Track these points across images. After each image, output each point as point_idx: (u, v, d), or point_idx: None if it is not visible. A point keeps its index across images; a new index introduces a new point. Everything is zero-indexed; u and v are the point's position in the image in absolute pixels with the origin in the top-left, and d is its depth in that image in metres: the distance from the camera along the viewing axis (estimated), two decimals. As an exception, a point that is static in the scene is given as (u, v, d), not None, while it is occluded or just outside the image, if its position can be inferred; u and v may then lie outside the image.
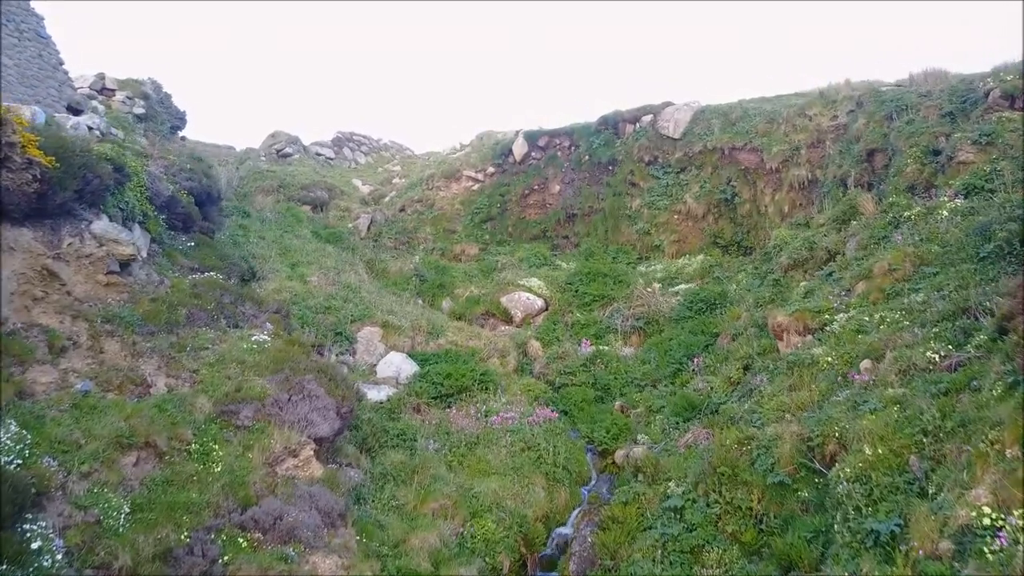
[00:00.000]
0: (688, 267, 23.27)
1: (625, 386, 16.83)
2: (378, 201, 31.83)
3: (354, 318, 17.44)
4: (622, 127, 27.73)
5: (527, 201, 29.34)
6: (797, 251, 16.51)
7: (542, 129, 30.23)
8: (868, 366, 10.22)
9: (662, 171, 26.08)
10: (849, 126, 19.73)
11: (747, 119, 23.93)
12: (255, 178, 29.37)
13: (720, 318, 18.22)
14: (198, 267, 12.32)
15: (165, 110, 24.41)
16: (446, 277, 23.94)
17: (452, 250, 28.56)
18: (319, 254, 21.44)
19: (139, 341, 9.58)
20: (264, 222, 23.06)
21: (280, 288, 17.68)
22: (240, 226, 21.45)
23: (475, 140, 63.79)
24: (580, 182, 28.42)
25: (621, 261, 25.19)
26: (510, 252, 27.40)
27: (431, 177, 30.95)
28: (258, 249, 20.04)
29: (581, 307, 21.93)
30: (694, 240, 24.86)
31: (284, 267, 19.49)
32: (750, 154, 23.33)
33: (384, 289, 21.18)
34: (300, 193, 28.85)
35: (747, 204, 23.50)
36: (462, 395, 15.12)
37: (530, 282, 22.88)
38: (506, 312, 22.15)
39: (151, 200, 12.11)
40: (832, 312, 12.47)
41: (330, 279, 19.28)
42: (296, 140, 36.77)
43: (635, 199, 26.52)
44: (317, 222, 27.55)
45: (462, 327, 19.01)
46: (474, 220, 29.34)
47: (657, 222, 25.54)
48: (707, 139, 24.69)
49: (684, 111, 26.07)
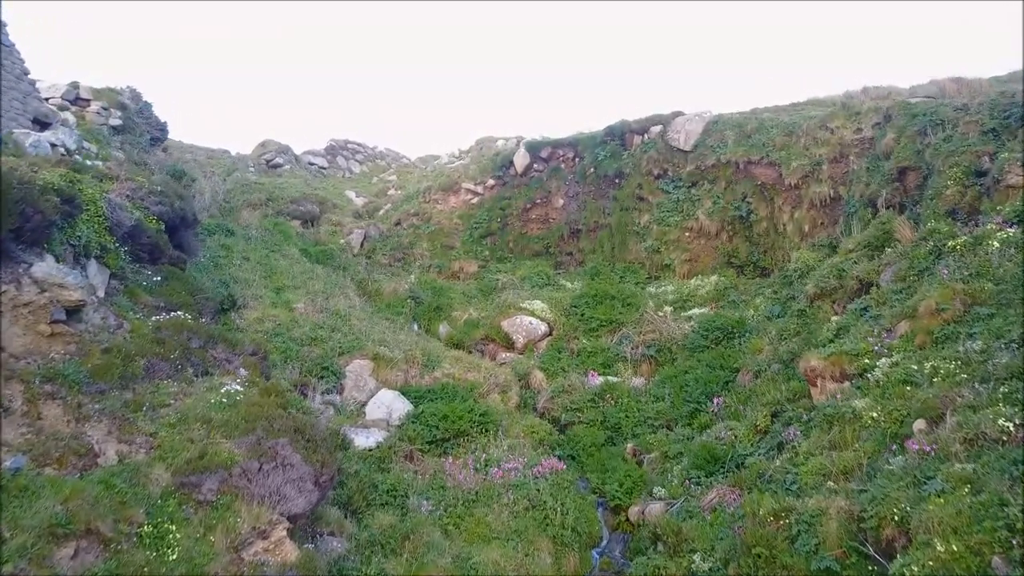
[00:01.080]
0: (701, 289, 22.14)
1: (637, 426, 15.66)
2: (372, 214, 30.72)
3: (342, 350, 16.28)
4: (629, 138, 26.63)
5: (529, 215, 28.24)
6: (825, 279, 15.36)
7: (545, 140, 29.15)
8: (923, 428, 9.05)
9: (672, 185, 24.97)
10: (876, 141, 18.60)
11: (763, 131, 22.81)
12: (242, 191, 28.25)
13: (739, 350, 17.08)
14: (164, 305, 11.17)
15: (145, 120, 23.30)
16: (443, 299, 22.79)
17: (450, 267, 27.45)
18: (307, 276, 20.28)
19: (86, 402, 8.42)
20: (249, 240, 21.91)
21: (263, 317, 16.55)
22: (223, 246, 20.32)
23: (474, 147, 62.86)
24: (585, 196, 27.32)
25: (629, 281, 24.06)
26: (511, 270, 26.29)
27: (428, 190, 29.84)
28: (241, 272, 18.90)
29: (587, 332, 20.76)
30: (707, 259, 23.72)
31: (268, 292, 18.35)
32: (767, 169, 22.20)
33: (376, 314, 20.02)
34: (289, 207, 27.73)
35: (764, 222, 22.37)
36: (459, 440, 13.96)
37: (532, 305, 21.72)
38: (507, 338, 21.00)
39: (111, 231, 10.97)
40: (872, 356, 11.30)
41: (318, 305, 18.13)
42: (287, 149, 35.69)
43: (643, 215, 25.41)
44: (307, 238, 26.44)
45: (460, 357, 17.85)
46: (473, 235, 28.23)
47: (667, 239, 24.40)
48: (720, 152, 23.58)
49: (695, 122, 24.97)
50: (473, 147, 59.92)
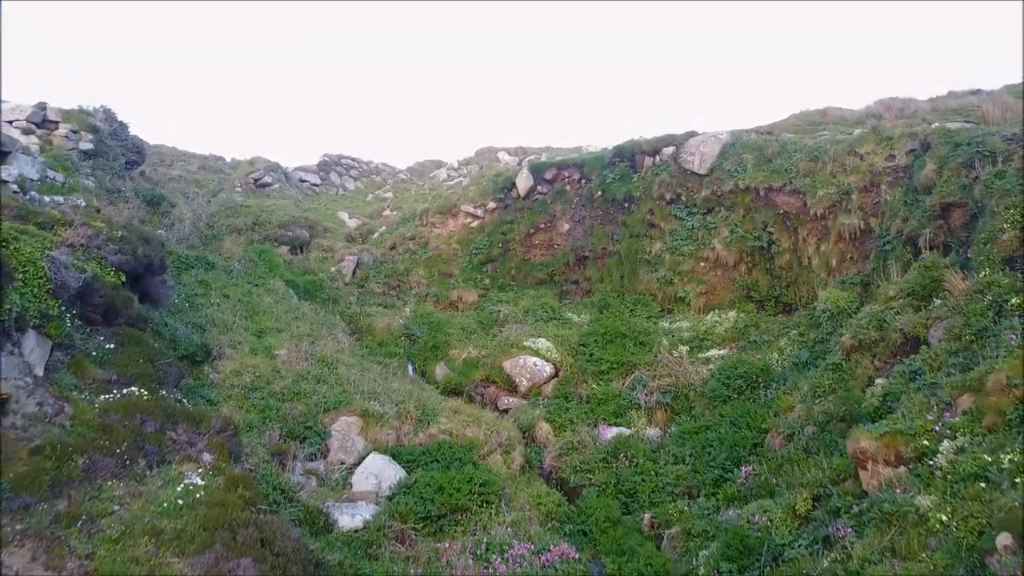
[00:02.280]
0: (719, 326, 20.82)
1: (655, 492, 14.31)
2: (366, 238, 29.43)
3: (328, 406, 14.94)
4: (639, 160, 25.35)
5: (532, 241, 26.95)
6: (863, 330, 14.02)
7: (549, 160, 27.91)
8: (1008, 544, 7.68)
9: (686, 211, 23.67)
10: (914, 172, 17.30)
11: (785, 155, 21.52)
12: (227, 214, 26.95)
13: (766, 405, 15.73)
14: (117, 379, 9.83)
15: (119, 143, 22.03)
16: (440, 335, 21.44)
17: (448, 296, 26.15)
18: (292, 316, 18.95)
19: (5, 523, 7.07)
20: (231, 273, 20.59)
21: (241, 368, 15.21)
22: (201, 282, 18.99)
23: (474, 159, 61.84)
24: (592, 220, 26.02)
25: (640, 315, 22.74)
26: (513, 300, 24.99)
27: (425, 212, 28.54)
28: (219, 313, 17.57)
29: (597, 375, 19.44)
30: (724, 292, 22.40)
31: (249, 336, 17.01)
32: (790, 196, 20.90)
33: (368, 356, 18.68)
34: (277, 232, 26.44)
35: (786, 254, 21.04)
36: (457, 516, 12.58)
37: (537, 343, 20.38)
38: (509, 380, 19.67)
39: (55, 293, 9.64)
40: (932, 437, 9.95)
41: (302, 351, 16.79)
42: (276, 167, 34.43)
43: (655, 242, 24.10)
44: (295, 266, 25.14)
45: (458, 408, 16.50)
46: (472, 262, 26.93)
47: (681, 270, 23.08)
48: (738, 177, 22.27)
49: (711, 143, 23.68)
50: (472, 159, 58.96)
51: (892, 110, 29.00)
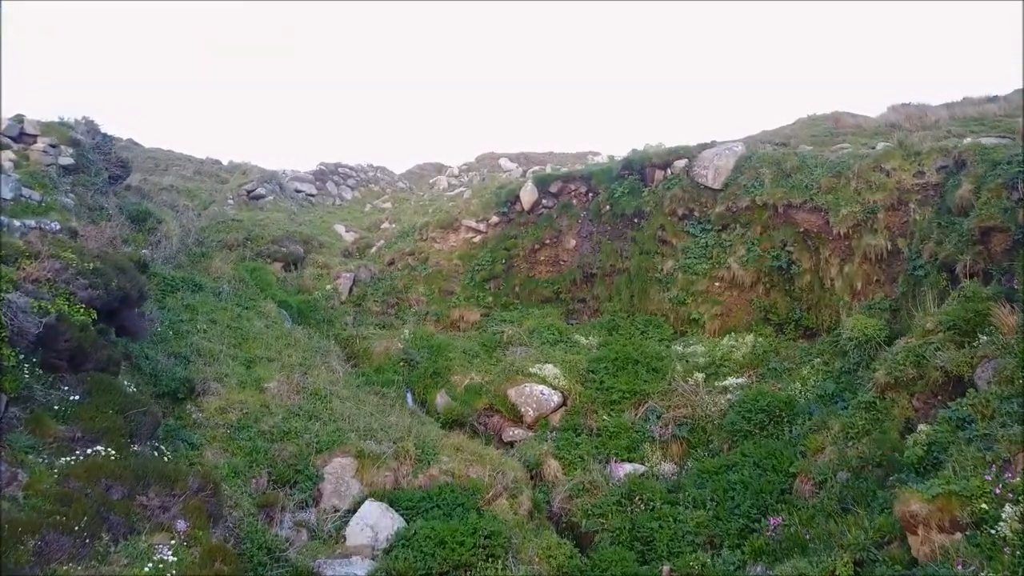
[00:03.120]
0: (736, 351, 19.88)
1: (674, 540, 13.35)
2: (363, 252, 28.54)
3: (321, 446, 14.00)
4: (650, 173, 24.44)
5: (537, 257, 26.03)
6: (899, 366, 13.07)
7: (555, 172, 27.04)
8: (1097, 642, 6.77)
9: (699, 228, 22.74)
10: (947, 191, 16.38)
11: (805, 170, 20.59)
12: (218, 229, 26.04)
13: (792, 442, 14.78)
14: (82, 435, 8.90)
15: (103, 157, 21.13)
16: (441, 359, 20.50)
17: (449, 315, 25.22)
18: (284, 343, 18.03)
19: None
20: (220, 295, 19.67)
21: (227, 405, 14.29)
22: (187, 307, 18.07)
23: (474, 164, 60.97)
24: (600, 236, 25.11)
25: (652, 337, 21.81)
26: (517, 319, 24.08)
27: (425, 226, 27.63)
28: (206, 341, 16.65)
29: (607, 405, 18.51)
30: (740, 314, 21.45)
31: (237, 367, 16.09)
32: (811, 214, 19.98)
33: (364, 386, 17.74)
34: (270, 248, 25.54)
35: (807, 275, 20.10)
36: (461, 573, 11.65)
37: (543, 370, 19.45)
38: (514, 410, 18.75)
39: (12, 341, 8.72)
40: (991, 501, 9.02)
41: (294, 383, 15.86)
42: (271, 178, 33.54)
43: (667, 260, 23.17)
44: (289, 284, 24.23)
45: (460, 445, 15.55)
46: (474, 279, 26.01)
47: (694, 290, 22.14)
48: (755, 192, 21.35)
49: (725, 156, 22.77)
50: (473, 164, 58.12)
51: (912, 120, 28.07)
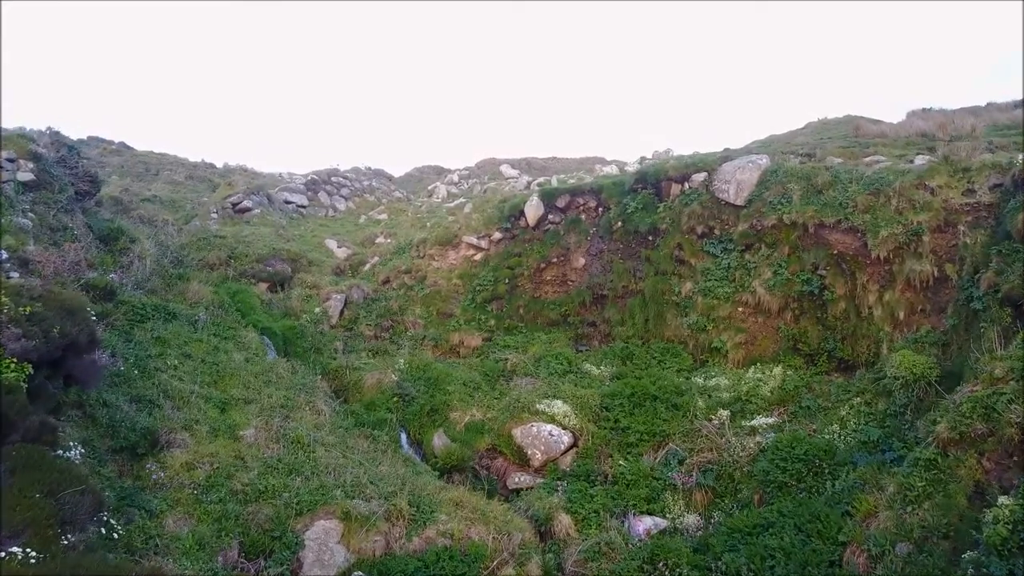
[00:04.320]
0: (763, 385, 18.39)
1: (706, 618, 11.83)
2: (356, 270, 27.05)
3: (302, 506, 12.46)
4: (665, 186, 22.98)
5: (543, 277, 24.56)
6: (965, 420, 11.56)
7: (562, 185, 25.60)
8: None
9: (720, 247, 21.26)
10: (1006, 214, 14.87)
11: (839, 186, 19.11)
12: (199, 246, 24.58)
13: (835, 499, 13.24)
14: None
15: (68, 171, 19.65)
16: (438, 394, 18.99)
17: (448, 340, 23.74)
18: (264, 380, 16.51)
19: None
20: (196, 324, 18.15)
21: (196, 459, 12.76)
22: (157, 339, 16.56)
23: (474, 170, 59.60)
24: (611, 255, 23.64)
25: (669, 367, 20.32)
26: (522, 345, 22.62)
27: (422, 243, 26.16)
28: (176, 381, 15.13)
29: (623, 448, 17.02)
30: (766, 343, 19.95)
31: (211, 411, 14.57)
32: (846, 235, 18.49)
33: (353, 428, 16.21)
34: (255, 267, 24.07)
35: (841, 302, 18.60)
36: (461, 669, 10.12)
37: (552, 407, 17.96)
38: (520, 452, 17.25)
39: (-88, 418, 7.19)
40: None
41: (274, 429, 14.35)
42: (259, 190, 32.08)
43: (685, 282, 21.68)
44: (275, 308, 22.73)
45: (460, 499, 14.01)
46: (475, 300, 24.54)
47: (716, 316, 20.64)
48: (782, 210, 19.88)
49: (749, 169, 21.30)
50: (473, 170, 56.72)
51: (944, 128, 26.73)
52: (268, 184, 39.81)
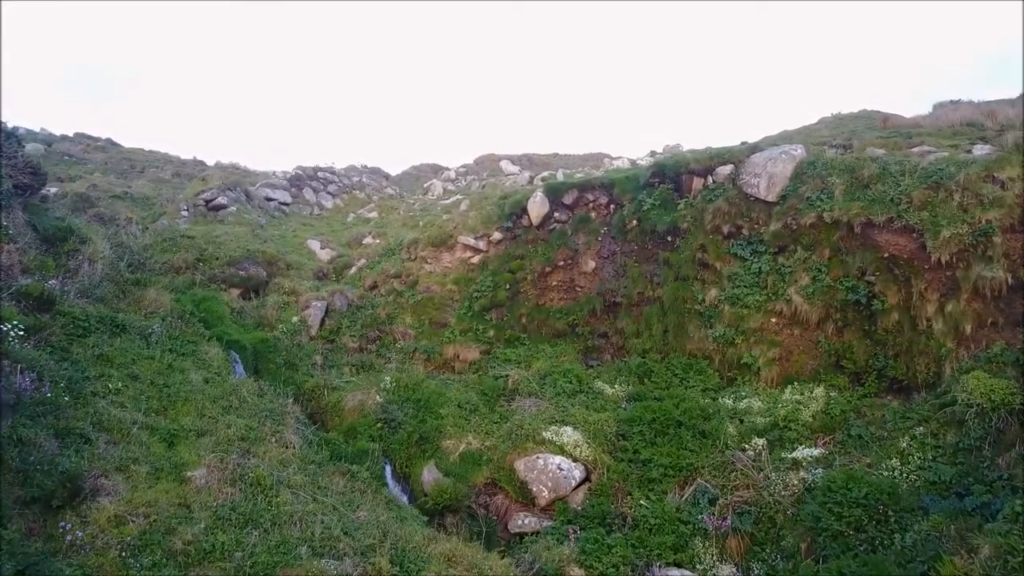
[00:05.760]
0: (804, 409, 16.32)
1: None
2: (341, 273, 24.97)
3: (257, 568, 10.33)
4: (686, 181, 20.89)
5: (548, 282, 22.48)
6: (1079, 466, 9.49)
7: (569, 179, 23.51)
8: None
9: (750, 249, 19.19)
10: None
11: (889, 179, 17.04)
12: (163, 248, 22.46)
13: (908, 557, 11.15)
14: None
15: (7, 162, 17.52)
16: (430, 418, 16.91)
17: (441, 352, 21.68)
18: (224, 405, 14.41)
19: None
20: (149, 339, 16.05)
21: (128, 510, 10.63)
22: (99, 357, 14.45)
23: (473, 167, 57.54)
24: (625, 257, 21.57)
25: (694, 386, 18.27)
26: (524, 359, 20.57)
27: (414, 244, 24.09)
28: (115, 409, 13.00)
29: (644, 484, 14.95)
30: (804, 358, 17.89)
31: (155, 445, 12.47)
32: (899, 236, 16.41)
33: (328, 463, 14.09)
34: (226, 271, 21.98)
35: (894, 312, 16.52)
36: None
37: (560, 435, 15.87)
38: (524, 488, 15.18)
39: None
40: None
41: (229, 469, 12.23)
42: (235, 186, 29.97)
43: (709, 288, 19.61)
44: (247, 317, 20.65)
45: (454, 554, 11.91)
46: (472, 308, 22.45)
47: (746, 327, 18.57)
48: (822, 206, 17.82)
49: (782, 161, 19.22)
50: (472, 167, 54.62)
51: (993, 117, 24.77)
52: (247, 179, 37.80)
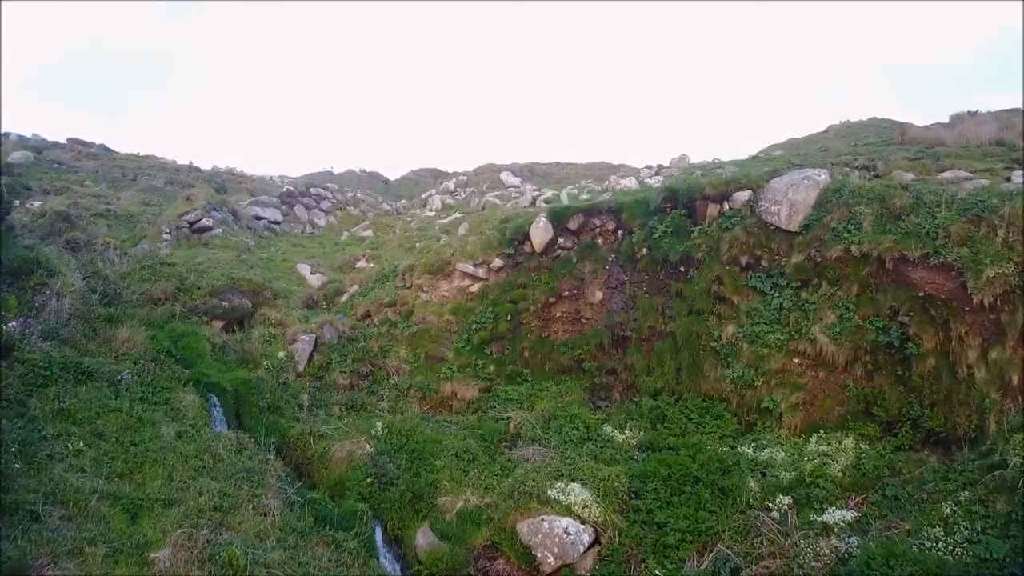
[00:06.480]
0: (832, 463, 15.15)
1: None
2: (332, 301, 23.83)
3: (224, 676, 9.15)
4: (700, 207, 19.75)
5: (552, 313, 21.31)
6: None
7: (574, 203, 22.39)
8: None
9: (770, 283, 18.04)
10: None
11: (923, 210, 15.89)
12: (141, 276, 21.31)
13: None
14: None
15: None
16: (424, 471, 15.74)
17: (438, 390, 20.54)
18: (198, 466, 13.22)
19: None
20: (118, 387, 14.87)
21: (77, 605, 9.46)
22: (60, 411, 13.27)
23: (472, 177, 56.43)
24: (635, 288, 20.42)
25: (711, 432, 17.11)
26: (527, 398, 19.44)
27: (409, 271, 22.95)
28: (73, 475, 11.83)
29: (659, 551, 13.76)
30: (830, 403, 16.73)
31: (116, 518, 11.29)
32: (935, 274, 15.25)
33: (310, 534, 12.88)
34: (208, 303, 20.83)
35: (930, 358, 15.34)
36: None
37: (567, 493, 14.69)
38: (527, 553, 14.00)
39: None
40: None
41: (199, 546, 11.04)
42: (222, 205, 28.83)
43: (726, 324, 18.44)
44: (229, 352, 19.49)
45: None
46: (471, 340, 21.28)
47: (766, 368, 17.42)
48: (849, 238, 16.67)
49: (804, 188, 18.08)
50: (471, 177, 53.60)
51: (1015, 131, 23.88)
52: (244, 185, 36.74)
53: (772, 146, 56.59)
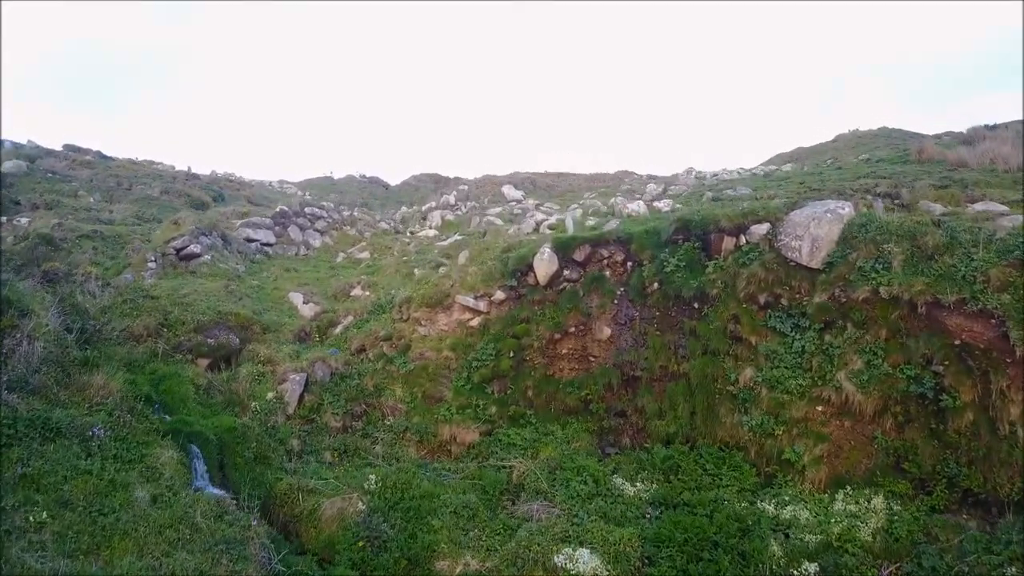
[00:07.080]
0: (862, 525, 14.15)
1: None
2: (325, 333, 22.86)
3: None
4: (715, 240, 18.81)
5: (557, 350, 20.34)
6: None
7: (580, 234, 21.42)
8: None
9: (790, 323, 17.07)
10: None
11: (958, 250, 14.93)
12: (123, 311, 20.35)
13: None
14: None
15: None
16: (421, 531, 14.74)
17: (436, 433, 19.56)
18: (172, 537, 12.22)
19: None
20: (89, 444, 13.90)
21: None
22: (23, 479, 12.30)
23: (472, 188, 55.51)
24: (645, 324, 19.46)
25: (729, 484, 16.13)
26: (531, 444, 18.49)
27: (406, 303, 21.98)
28: (34, 554, 10.84)
29: (676, 627, 12.71)
30: (856, 455, 15.74)
31: (77, 605, 10.31)
32: (973, 321, 14.27)
33: (295, 613, 11.91)
34: (193, 339, 19.87)
35: (968, 412, 14.34)
36: None
37: (576, 560, 13.68)
38: (533, 628, 12.96)
39: None
40: None
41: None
42: (211, 229, 27.88)
43: (744, 367, 17.46)
44: (215, 394, 18.55)
45: None
46: (472, 378, 20.33)
47: (787, 416, 16.44)
48: (877, 279, 15.70)
49: (827, 221, 17.12)
50: (472, 190, 52.70)
51: None
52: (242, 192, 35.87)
53: (779, 155, 55.76)
